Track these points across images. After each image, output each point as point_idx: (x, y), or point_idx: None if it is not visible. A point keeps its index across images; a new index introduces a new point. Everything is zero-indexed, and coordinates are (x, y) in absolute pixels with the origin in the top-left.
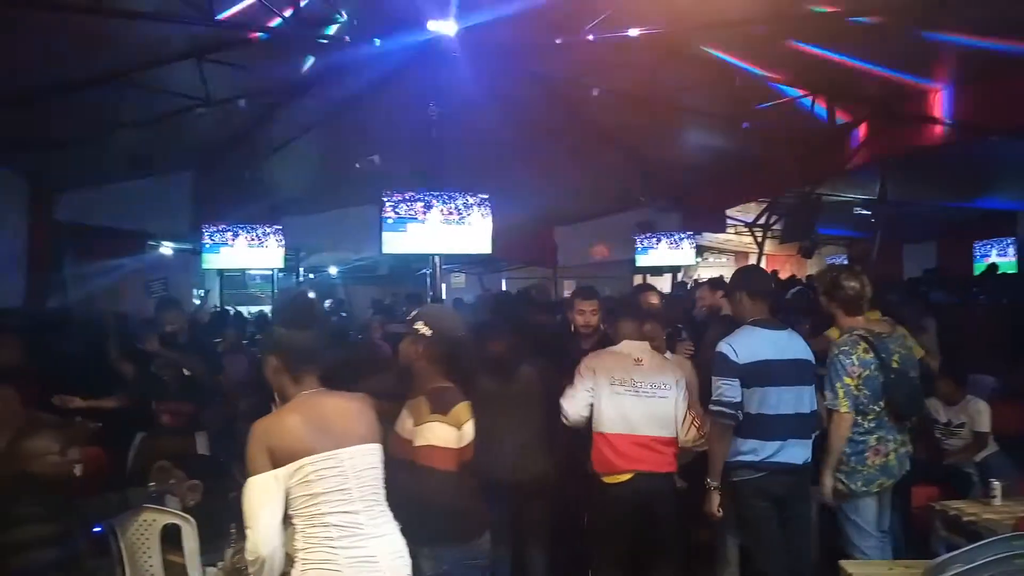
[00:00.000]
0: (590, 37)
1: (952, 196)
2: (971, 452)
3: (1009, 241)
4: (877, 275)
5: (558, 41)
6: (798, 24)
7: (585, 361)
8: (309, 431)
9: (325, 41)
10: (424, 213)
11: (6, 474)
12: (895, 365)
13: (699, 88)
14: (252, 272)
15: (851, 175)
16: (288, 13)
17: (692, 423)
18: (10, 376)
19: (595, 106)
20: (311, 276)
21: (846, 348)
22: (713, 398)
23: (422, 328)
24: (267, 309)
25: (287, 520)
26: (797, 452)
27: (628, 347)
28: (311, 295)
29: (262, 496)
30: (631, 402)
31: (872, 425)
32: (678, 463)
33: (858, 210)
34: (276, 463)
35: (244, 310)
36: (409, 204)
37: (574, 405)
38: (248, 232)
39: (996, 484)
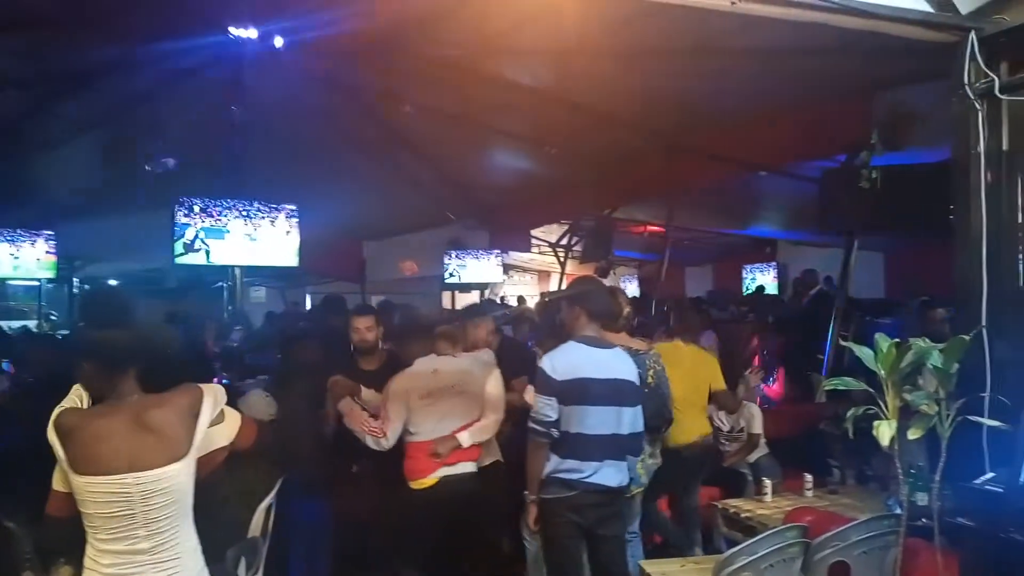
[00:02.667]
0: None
1: (727, 224)
2: (745, 453)
3: (771, 265)
4: (664, 293)
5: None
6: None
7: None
8: (108, 444)
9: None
10: (224, 222)
11: None
12: (650, 381)
13: (509, 110)
14: (13, 282)
15: (644, 200)
16: None
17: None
18: None
19: (407, 122)
20: (86, 287)
21: None
22: (531, 414)
23: None
24: (32, 324)
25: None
26: (612, 474)
27: (421, 364)
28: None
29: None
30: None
31: None
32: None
33: (648, 234)
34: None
35: (4, 324)
36: (207, 212)
37: (393, 432)
38: (11, 238)
39: (767, 483)
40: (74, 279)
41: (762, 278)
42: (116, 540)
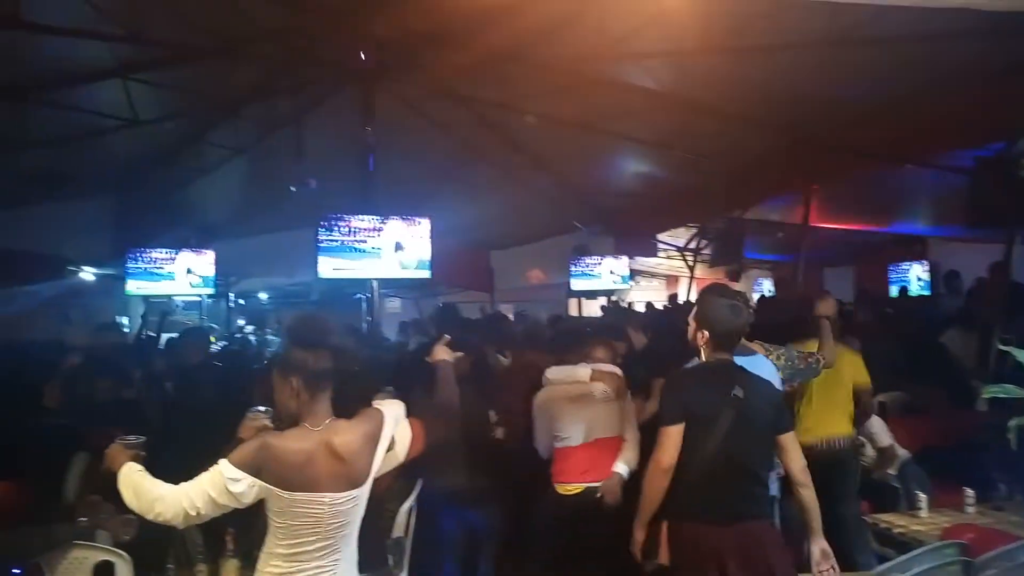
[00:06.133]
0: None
1: (868, 221)
2: (885, 466)
3: (921, 263)
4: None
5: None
6: (725, 57)
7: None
8: (307, 468)
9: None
10: (362, 237)
11: None
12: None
13: (631, 115)
14: (178, 298)
15: (777, 200)
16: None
17: None
18: None
19: (528, 131)
20: (241, 302)
21: None
22: None
23: None
24: None
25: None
26: None
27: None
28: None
29: (215, 484)
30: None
31: None
32: None
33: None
34: (260, 477)
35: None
36: (346, 228)
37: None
38: (175, 257)
39: (923, 496)
40: (230, 294)
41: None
42: (294, 545)
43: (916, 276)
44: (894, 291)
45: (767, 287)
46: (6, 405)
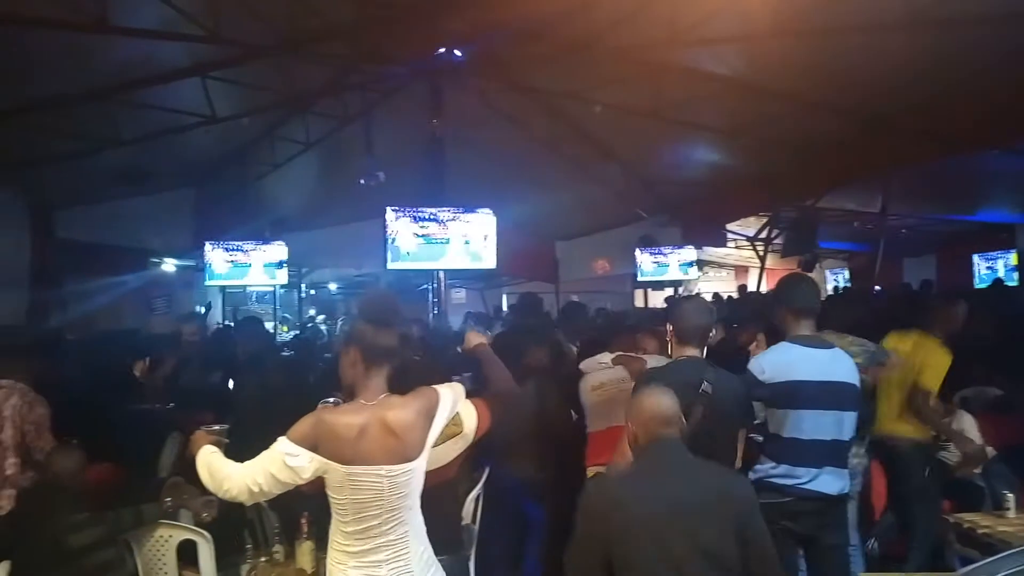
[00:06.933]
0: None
1: (950, 209)
2: (970, 465)
3: (1008, 253)
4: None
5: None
6: (798, 40)
7: None
8: (362, 441)
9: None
10: (429, 228)
11: (49, 489)
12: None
13: (700, 102)
14: (253, 289)
15: (852, 188)
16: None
17: None
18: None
19: (595, 120)
20: (312, 292)
21: None
22: None
23: None
24: (270, 326)
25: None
26: (831, 481)
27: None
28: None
29: (274, 461)
30: None
31: None
32: None
33: (859, 223)
34: (318, 451)
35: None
36: (413, 219)
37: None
38: (251, 248)
39: (1010, 496)
40: (302, 284)
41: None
42: (358, 521)
43: (1004, 265)
44: (979, 282)
45: (843, 278)
46: (101, 393)
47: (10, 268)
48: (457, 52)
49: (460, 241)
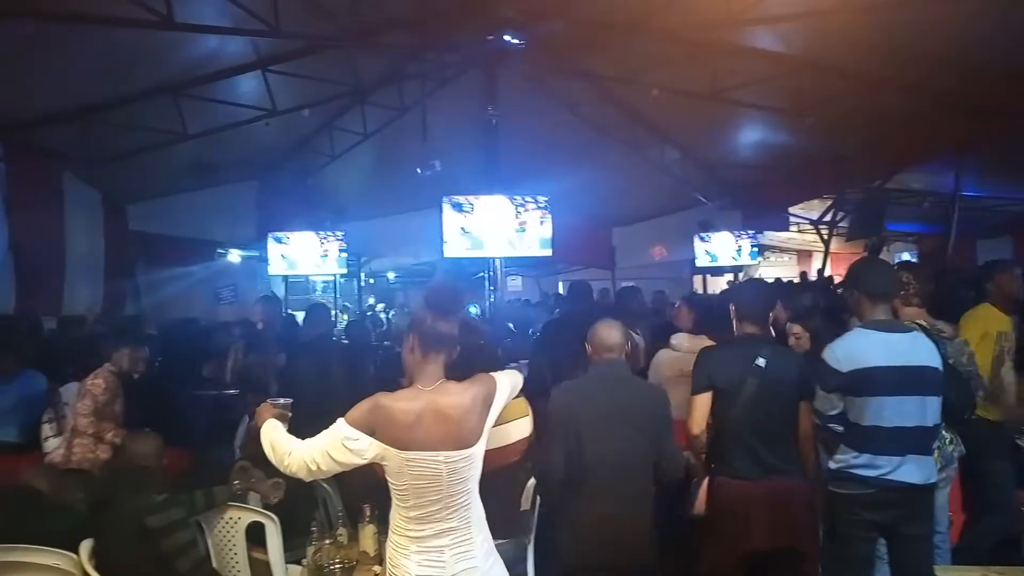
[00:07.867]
0: None
1: None
2: None
3: None
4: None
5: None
6: (863, 15)
7: None
8: (418, 426)
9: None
10: (484, 217)
11: (131, 471)
12: (950, 361)
13: (759, 83)
14: (314, 278)
15: (921, 168)
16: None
17: None
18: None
19: (651, 104)
20: (371, 281)
21: None
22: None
23: None
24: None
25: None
26: (915, 470)
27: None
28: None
29: (332, 442)
30: None
31: None
32: None
33: (929, 204)
34: (375, 436)
35: None
36: (470, 208)
37: None
38: (312, 238)
39: None
40: (361, 273)
41: None
42: (418, 506)
43: None
44: None
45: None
46: (174, 379)
47: (87, 260)
48: (511, 39)
49: (516, 229)
